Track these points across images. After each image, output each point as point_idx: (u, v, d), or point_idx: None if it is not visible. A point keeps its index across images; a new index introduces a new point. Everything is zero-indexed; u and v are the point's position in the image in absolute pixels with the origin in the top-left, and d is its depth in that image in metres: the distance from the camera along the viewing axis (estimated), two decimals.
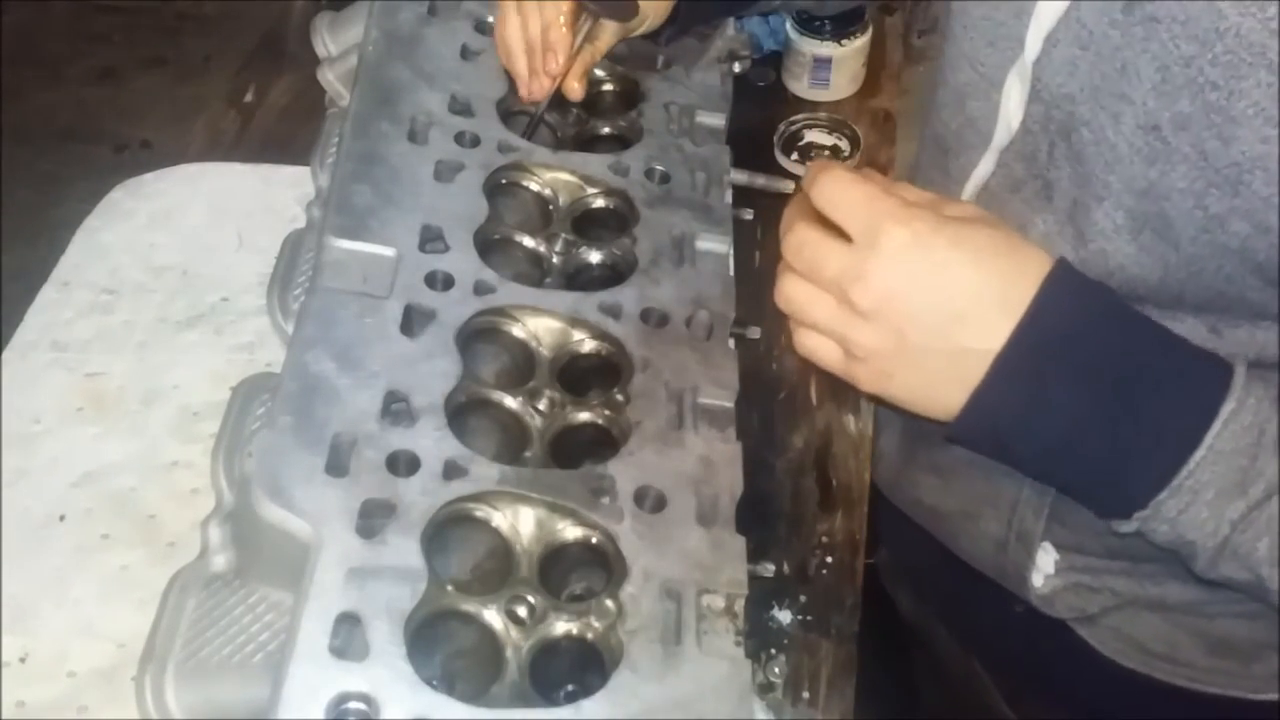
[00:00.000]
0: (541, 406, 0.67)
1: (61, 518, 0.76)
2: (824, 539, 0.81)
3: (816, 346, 0.58)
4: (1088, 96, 0.61)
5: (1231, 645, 0.73)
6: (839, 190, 0.56)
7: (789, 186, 1.03)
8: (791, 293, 0.57)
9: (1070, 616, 0.75)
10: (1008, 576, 0.77)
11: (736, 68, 0.92)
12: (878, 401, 0.67)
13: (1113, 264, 0.62)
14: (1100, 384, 0.54)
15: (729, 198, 0.81)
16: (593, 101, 0.88)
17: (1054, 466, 0.59)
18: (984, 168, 0.69)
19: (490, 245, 0.74)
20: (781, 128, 1.08)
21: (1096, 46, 0.60)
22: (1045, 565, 0.74)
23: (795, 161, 1.06)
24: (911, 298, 0.54)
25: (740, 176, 0.89)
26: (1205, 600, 0.70)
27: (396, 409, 0.63)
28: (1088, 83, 0.60)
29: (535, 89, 0.82)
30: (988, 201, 0.69)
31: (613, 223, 0.79)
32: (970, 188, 0.70)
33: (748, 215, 0.85)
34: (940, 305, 0.54)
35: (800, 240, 0.57)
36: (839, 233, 0.56)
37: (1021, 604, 0.76)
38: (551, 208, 0.79)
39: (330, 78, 0.90)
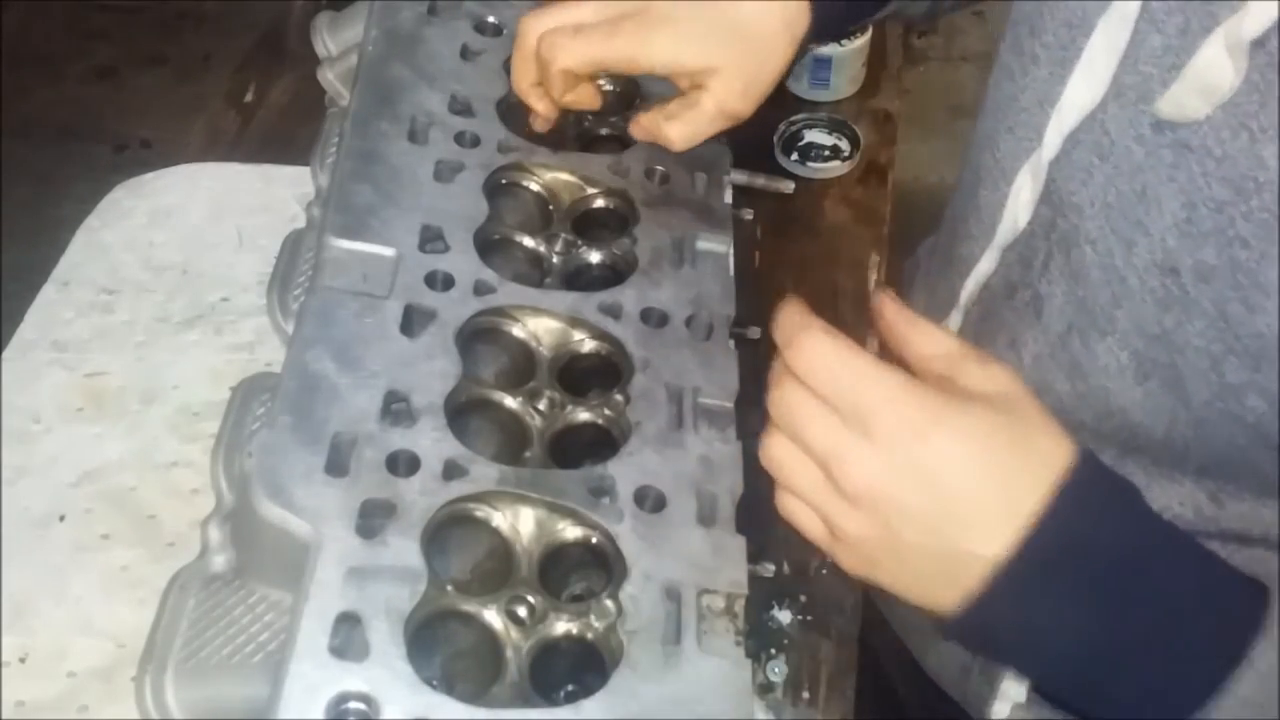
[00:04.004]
0: (541, 407, 0.67)
1: (61, 517, 0.76)
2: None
3: (798, 514, 0.52)
4: (1099, 213, 0.55)
5: None
6: (819, 362, 0.49)
7: (789, 186, 1.03)
8: (776, 453, 0.51)
9: None
10: (969, 704, 0.74)
11: None
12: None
13: (1114, 405, 0.57)
14: (1120, 601, 0.47)
15: (729, 198, 0.81)
16: None
17: (1065, 684, 0.50)
18: (985, 265, 0.64)
19: (490, 245, 0.74)
20: (781, 128, 1.08)
21: (1117, 160, 0.54)
22: (1016, 694, 0.68)
23: (795, 161, 1.06)
24: (903, 494, 0.47)
25: (740, 177, 0.89)
26: None
27: (396, 409, 0.63)
28: (1100, 198, 0.55)
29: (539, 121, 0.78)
30: (987, 303, 0.65)
31: (613, 223, 0.79)
32: (971, 284, 0.66)
33: (748, 215, 0.85)
34: (934, 506, 0.47)
35: (786, 401, 0.50)
36: None
37: None
38: (551, 208, 0.79)
39: (330, 77, 0.90)
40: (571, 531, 0.62)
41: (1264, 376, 0.50)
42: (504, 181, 0.78)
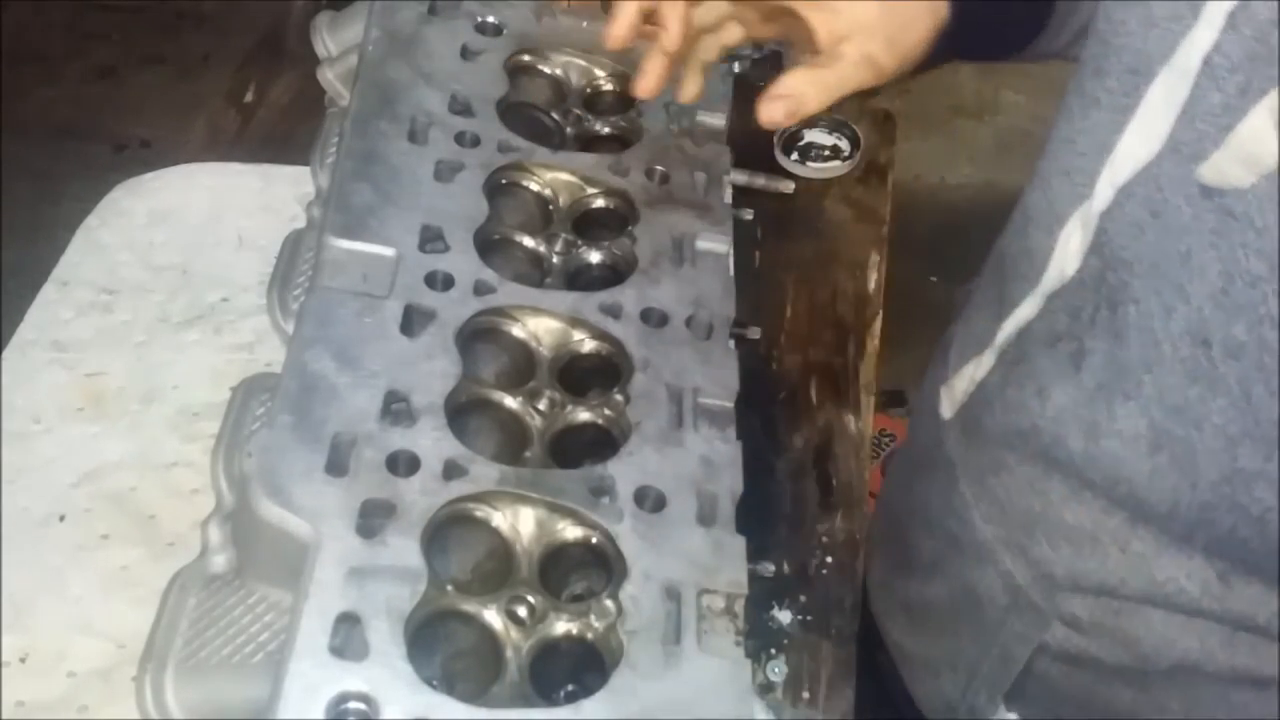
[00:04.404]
0: (541, 406, 0.67)
1: (61, 517, 0.76)
2: (824, 539, 0.81)
3: None
4: (1146, 272, 0.53)
5: None
6: None
7: (789, 186, 1.03)
8: None
9: None
10: None
11: (736, 68, 0.92)
12: None
13: (1120, 475, 0.56)
14: None
15: (729, 198, 0.81)
16: (593, 101, 0.88)
17: None
18: (1027, 309, 0.62)
19: (490, 245, 0.74)
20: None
21: (1168, 219, 0.52)
22: None
23: (795, 161, 1.06)
24: None
25: (740, 176, 0.89)
26: None
27: (396, 409, 0.63)
28: (1149, 256, 0.53)
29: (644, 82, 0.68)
30: (1024, 346, 0.63)
31: (613, 223, 0.79)
32: (1010, 327, 0.64)
33: (748, 215, 0.85)
34: None
35: None
36: None
37: None
38: (551, 208, 0.79)
39: (330, 77, 0.89)
40: (571, 531, 0.62)
41: (1276, 468, 0.49)
42: (504, 181, 0.78)
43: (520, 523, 0.62)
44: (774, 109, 0.66)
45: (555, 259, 0.76)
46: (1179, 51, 0.50)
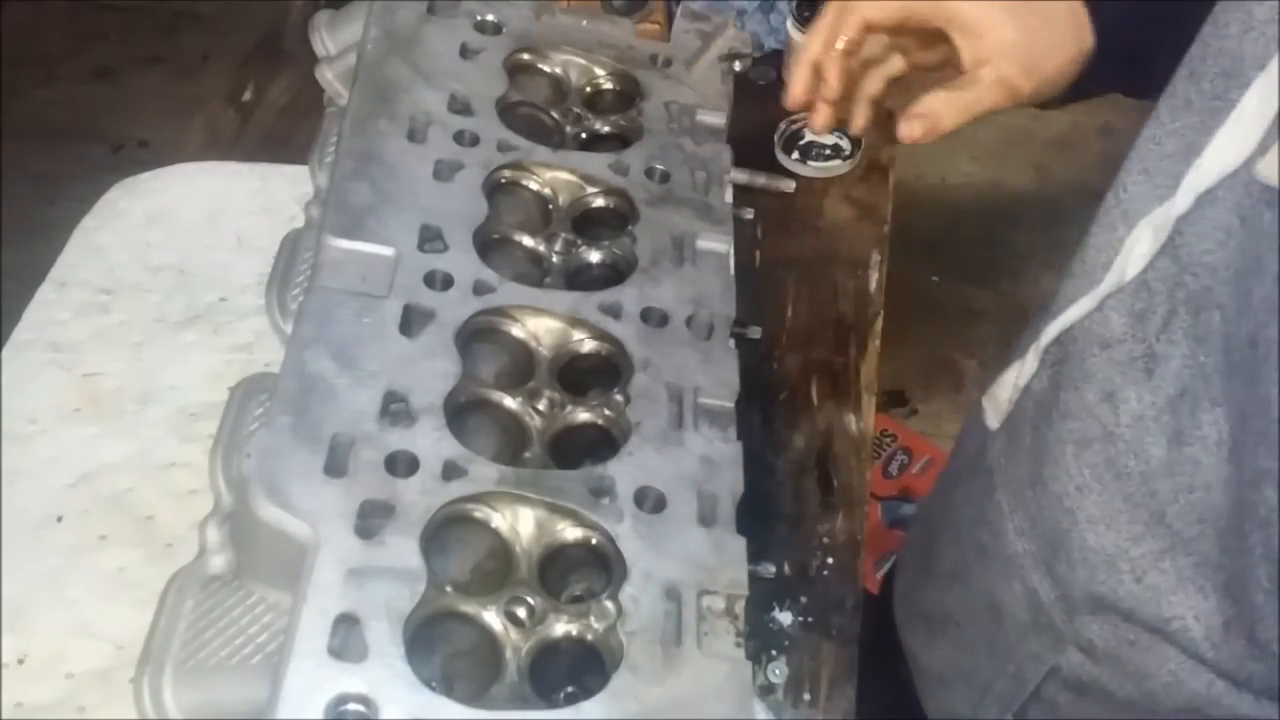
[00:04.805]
0: (541, 407, 0.67)
1: (59, 518, 0.76)
2: (825, 540, 0.81)
3: None
4: (1231, 278, 0.52)
5: None
6: None
7: (790, 186, 1.03)
8: None
9: None
10: None
11: (737, 66, 0.92)
12: None
13: (1198, 481, 0.55)
14: None
15: (729, 197, 0.81)
16: (593, 100, 0.88)
17: None
18: (1078, 310, 0.61)
19: (490, 245, 0.74)
20: (782, 126, 1.08)
21: (1252, 226, 0.51)
22: None
23: (796, 160, 1.06)
24: None
25: (741, 175, 0.89)
26: None
27: (395, 409, 0.63)
28: (1234, 262, 0.52)
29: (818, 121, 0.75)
30: (1071, 347, 0.62)
31: (613, 222, 0.79)
32: (1055, 328, 0.63)
33: (748, 214, 0.84)
34: None
35: None
36: None
37: None
38: (551, 207, 0.79)
39: (329, 76, 0.89)
40: (571, 532, 0.62)
41: (1273, 464, 0.48)
42: (503, 180, 0.78)
43: (520, 523, 0.62)
44: (913, 127, 0.70)
45: (555, 258, 0.76)
46: (1277, 57, 0.49)
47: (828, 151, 1.07)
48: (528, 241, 0.76)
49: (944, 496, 0.79)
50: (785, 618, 0.75)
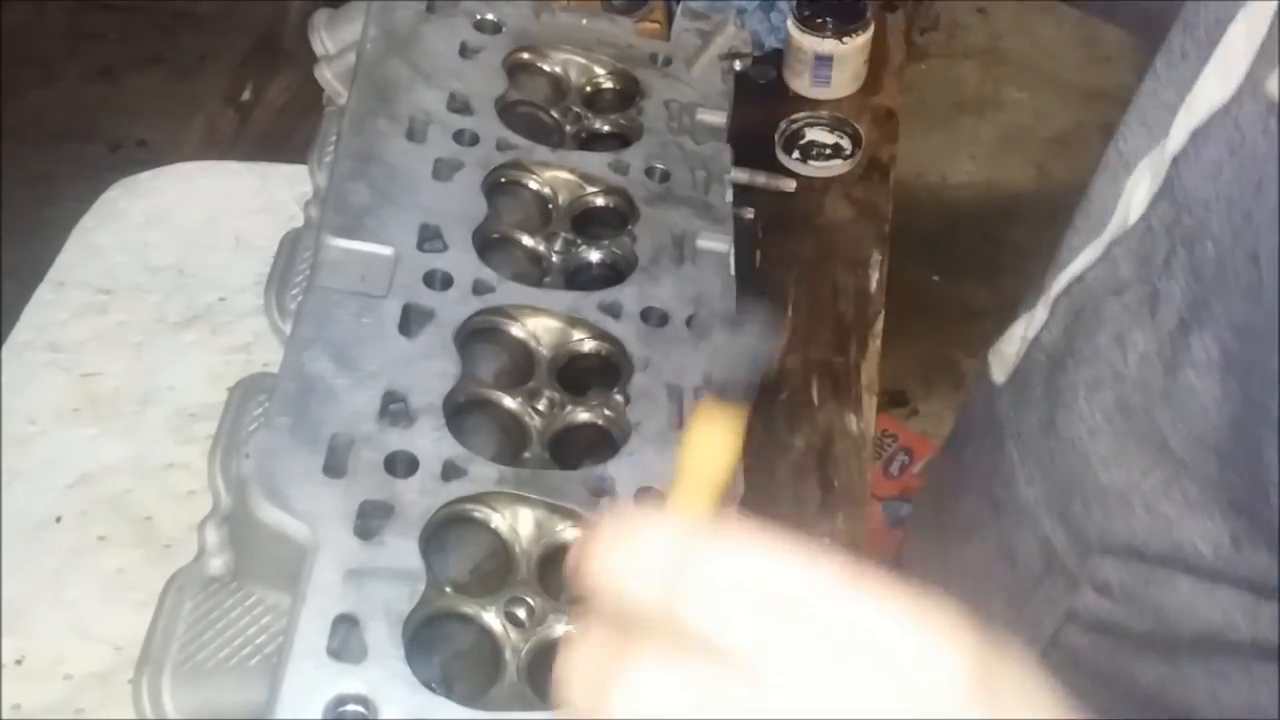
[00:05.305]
0: (541, 406, 0.67)
1: (57, 519, 0.76)
2: (825, 540, 0.81)
3: None
4: (1223, 208, 0.53)
5: None
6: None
7: (790, 185, 1.03)
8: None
9: None
10: None
11: (737, 65, 0.92)
12: None
13: (1194, 405, 0.55)
14: None
15: (730, 196, 0.81)
16: (592, 99, 0.88)
17: None
18: (1086, 258, 0.62)
19: (489, 244, 0.73)
20: (782, 126, 1.07)
21: (1244, 156, 0.52)
22: None
23: (796, 160, 1.06)
24: None
25: (741, 175, 0.89)
26: None
27: (395, 409, 0.63)
28: (1226, 193, 0.53)
29: None
30: (1082, 298, 0.63)
31: (612, 221, 0.79)
32: (1065, 278, 0.63)
33: (748, 214, 0.84)
34: None
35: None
36: None
37: None
38: (551, 206, 0.79)
39: (328, 76, 0.89)
40: (571, 533, 0.61)
41: None
42: (503, 180, 0.78)
43: (519, 523, 0.61)
44: None
45: (555, 258, 0.76)
46: None
47: (828, 151, 1.07)
48: (527, 241, 0.76)
49: (953, 457, 0.80)
50: None
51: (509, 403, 0.67)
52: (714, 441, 0.37)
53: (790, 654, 0.33)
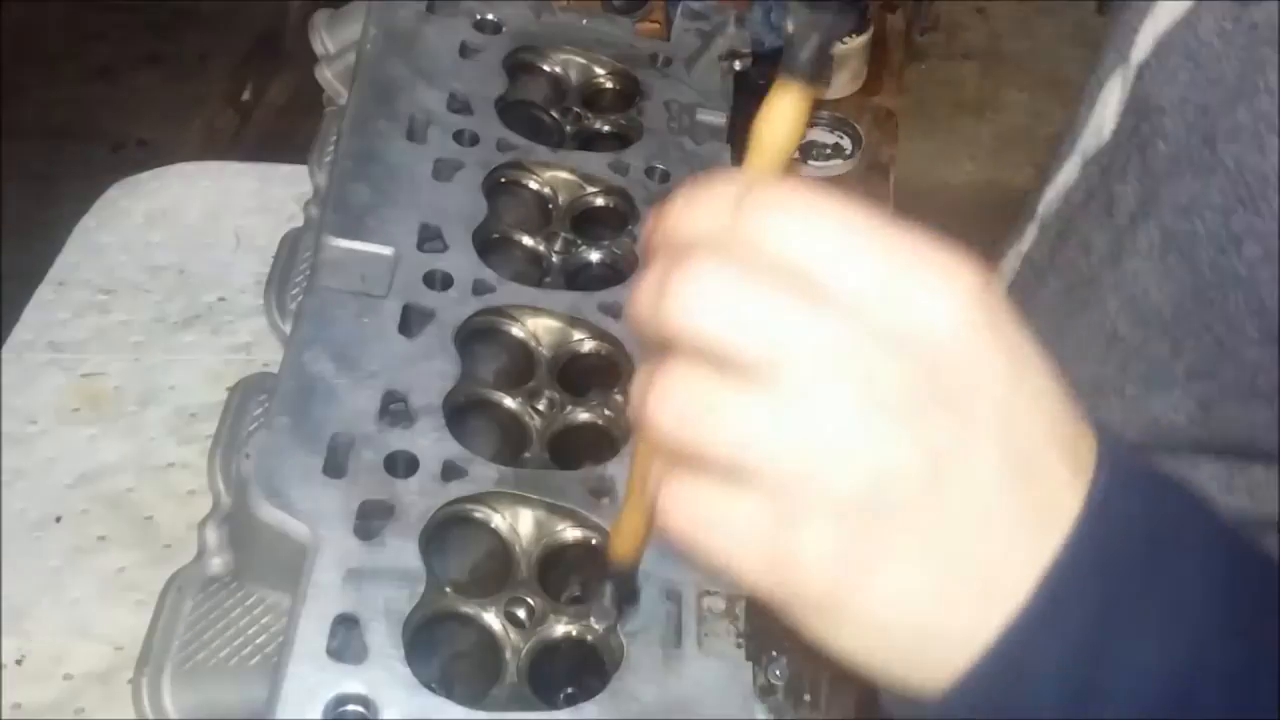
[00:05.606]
0: (541, 407, 0.67)
1: (58, 519, 0.76)
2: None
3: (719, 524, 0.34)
4: (1177, 108, 0.55)
5: None
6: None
7: None
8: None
9: None
10: None
11: (737, 65, 0.92)
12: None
13: (1138, 288, 0.57)
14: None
15: None
16: (592, 99, 0.88)
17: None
18: (1066, 175, 0.64)
19: (489, 244, 0.73)
20: None
21: (1203, 57, 0.54)
22: None
23: (796, 160, 1.06)
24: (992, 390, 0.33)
25: None
26: None
27: (395, 409, 0.63)
28: (1181, 95, 0.55)
29: None
30: (1066, 217, 0.65)
31: (613, 221, 0.79)
32: (1050, 195, 0.66)
33: None
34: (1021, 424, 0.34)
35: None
36: None
37: None
38: (551, 206, 0.79)
39: (328, 75, 0.89)
40: (571, 532, 0.61)
41: (1263, 220, 0.50)
42: (503, 180, 0.78)
43: (519, 524, 0.61)
44: None
45: (555, 258, 0.76)
46: None
47: (828, 151, 1.07)
48: (527, 241, 0.76)
49: None
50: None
51: (509, 403, 0.67)
52: (785, 117, 0.38)
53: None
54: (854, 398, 0.32)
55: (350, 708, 0.51)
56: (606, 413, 0.67)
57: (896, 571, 0.33)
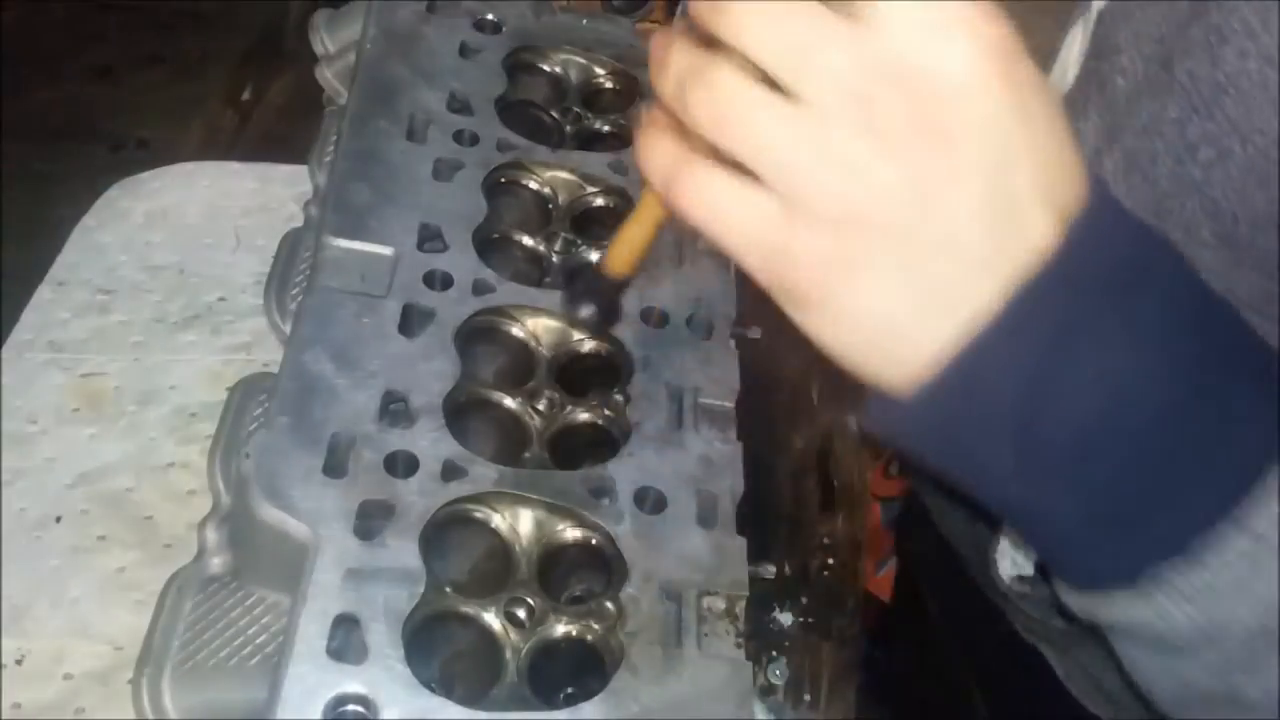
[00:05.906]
0: (541, 407, 0.67)
1: (58, 519, 0.76)
2: (825, 540, 0.81)
3: (727, 205, 0.40)
4: (1132, 44, 0.56)
5: None
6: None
7: None
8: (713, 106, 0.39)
9: (1042, 639, 0.72)
10: (978, 567, 0.73)
11: None
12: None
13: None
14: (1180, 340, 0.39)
15: None
16: (592, 99, 0.88)
17: (1075, 463, 0.39)
18: None
19: (489, 244, 0.73)
20: None
21: None
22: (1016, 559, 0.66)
23: None
24: (974, 128, 0.37)
25: None
26: None
27: (395, 409, 0.63)
28: (1136, 30, 0.57)
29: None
30: None
31: (612, 221, 0.79)
32: None
33: None
34: (1009, 155, 0.38)
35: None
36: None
37: (1005, 624, 0.74)
38: (551, 206, 0.79)
39: (328, 75, 0.89)
40: (571, 532, 0.62)
41: (1215, 125, 0.51)
42: (503, 180, 0.78)
43: (519, 524, 0.61)
44: None
45: (554, 258, 0.76)
46: None
47: None
48: (527, 241, 0.76)
49: None
50: (785, 618, 0.75)
51: (509, 403, 0.67)
52: None
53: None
54: (861, 123, 0.37)
55: (350, 708, 0.51)
56: (606, 413, 0.67)
57: (875, 277, 0.39)
